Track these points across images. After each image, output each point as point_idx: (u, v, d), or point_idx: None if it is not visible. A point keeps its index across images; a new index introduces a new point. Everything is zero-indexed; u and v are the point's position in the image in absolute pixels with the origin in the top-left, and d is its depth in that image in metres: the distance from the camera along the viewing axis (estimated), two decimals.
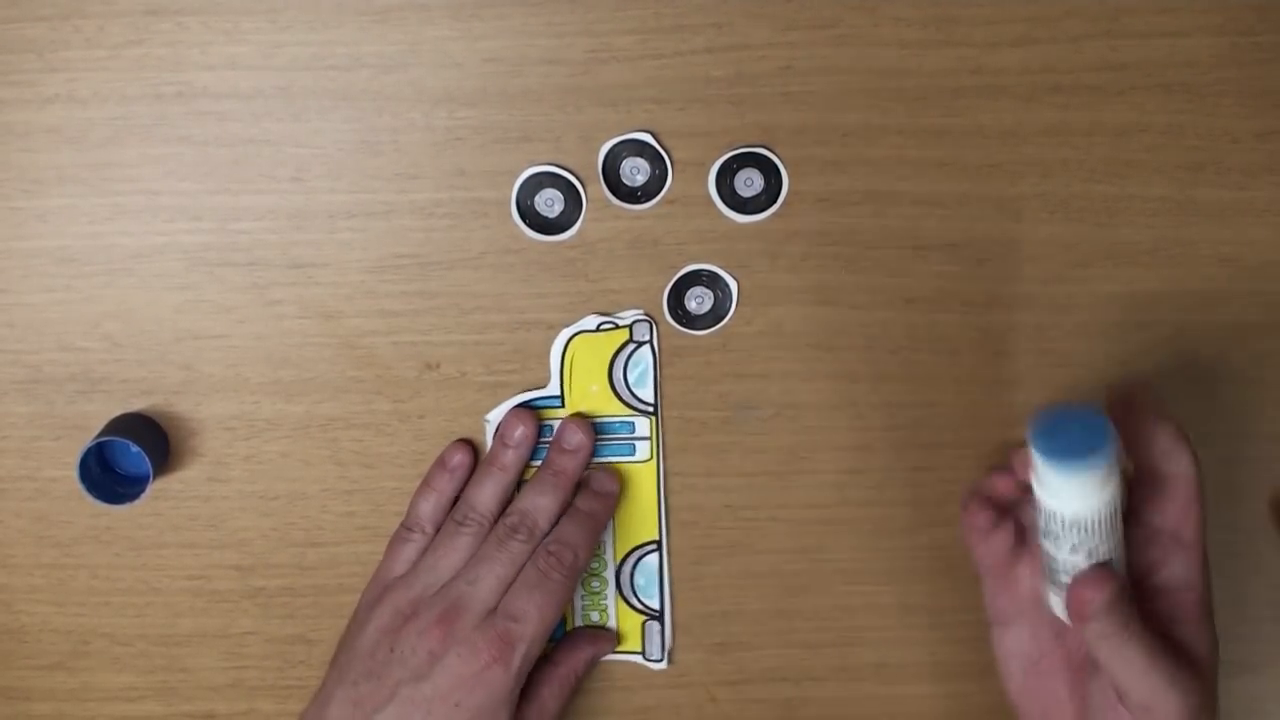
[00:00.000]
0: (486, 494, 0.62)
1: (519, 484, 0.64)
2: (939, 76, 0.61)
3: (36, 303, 0.63)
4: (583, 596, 0.66)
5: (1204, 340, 0.64)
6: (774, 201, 0.62)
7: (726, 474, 0.65)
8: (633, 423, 0.64)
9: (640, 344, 0.63)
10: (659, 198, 0.62)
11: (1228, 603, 0.67)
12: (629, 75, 0.61)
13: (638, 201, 0.62)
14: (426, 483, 0.64)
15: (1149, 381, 0.62)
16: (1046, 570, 0.55)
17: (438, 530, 0.63)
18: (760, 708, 0.67)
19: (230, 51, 0.60)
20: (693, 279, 0.63)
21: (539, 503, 0.62)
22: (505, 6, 0.60)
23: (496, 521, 0.62)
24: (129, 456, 0.63)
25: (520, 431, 0.63)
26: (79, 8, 0.60)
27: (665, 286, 0.63)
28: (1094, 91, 0.61)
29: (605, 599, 0.66)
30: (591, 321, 0.63)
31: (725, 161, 0.62)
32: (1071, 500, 0.53)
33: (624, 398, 0.64)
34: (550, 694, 0.63)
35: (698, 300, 0.63)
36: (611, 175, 0.62)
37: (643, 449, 0.65)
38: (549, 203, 0.61)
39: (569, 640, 0.65)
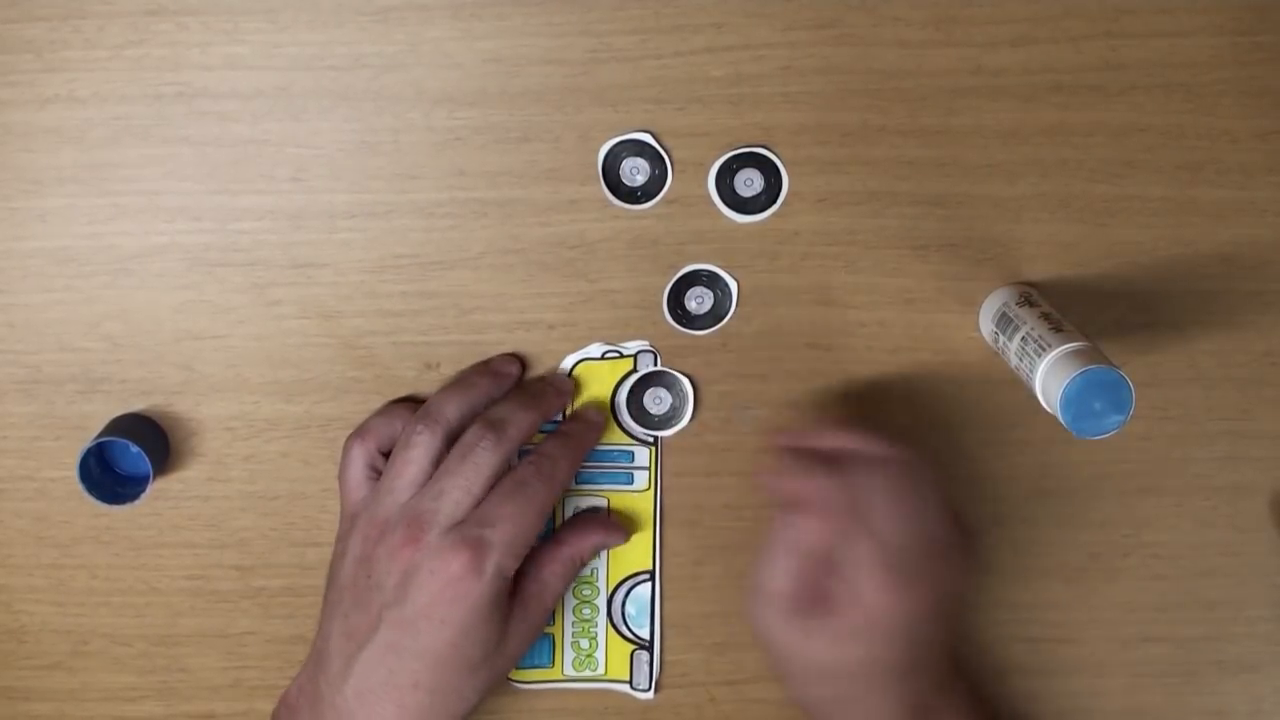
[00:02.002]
0: (448, 405, 0.60)
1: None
2: (939, 76, 0.61)
3: (36, 303, 0.63)
4: (573, 624, 0.66)
5: (1204, 340, 0.64)
6: (774, 201, 0.62)
7: (726, 474, 0.65)
8: (632, 452, 0.64)
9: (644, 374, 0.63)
10: (659, 198, 0.62)
11: (1228, 603, 0.67)
12: (629, 75, 0.61)
13: (638, 201, 0.62)
14: (462, 381, 0.62)
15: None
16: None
17: (387, 444, 0.61)
18: (760, 708, 0.67)
19: (230, 52, 0.60)
20: (693, 279, 0.63)
21: (511, 412, 0.59)
22: (505, 6, 0.60)
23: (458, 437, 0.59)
24: (129, 456, 0.63)
25: (506, 369, 0.62)
26: (79, 8, 0.60)
27: (665, 286, 0.63)
28: (1094, 91, 0.61)
29: (596, 627, 0.66)
30: (596, 350, 0.63)
31: (725, 161, 0.62)
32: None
33: (625, 427, 0.64)
34: (553, 573, 0.61)
35: (698, 300, 0.63)
36: (611, 175, 0.62)
37: (641, 479, 0.65)
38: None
39: (578, 523, 0.64)
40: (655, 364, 0.63)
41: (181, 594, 0.66)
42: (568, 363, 0.63)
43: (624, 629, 0.66)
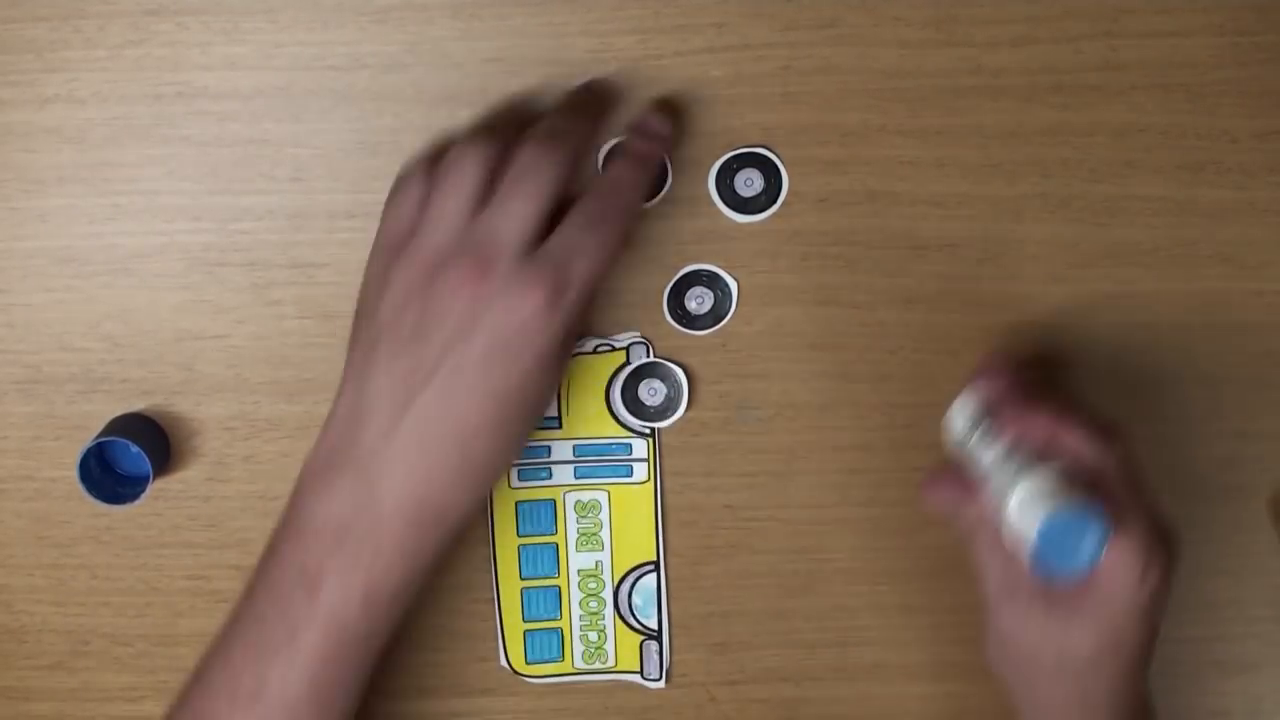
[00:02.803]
0: (504, 118, 0.55)
1: None
2: (939, 76, 0.61)
3: (36, 303, 0.63)
4: (581, 617, 0.66)
5: (1204, 340, 0.64)
6: (774, 201, 0.62)
7: (726, 474, 0.65)
8: (629, 444, 0.64)
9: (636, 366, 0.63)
10: (659, 198, 0.62)
11: (1228, 603, 0.67)
12: (629, 75, 0.61)
13: None
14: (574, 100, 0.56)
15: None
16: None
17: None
18: (760, 708, 0.67)
19: (230, 52, 0.60)
20: (693, 279, 0.63)
21: (570, 122, 0.54)
22: (505, 6, 0.60)
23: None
24: (129, 456, 0.63)
25: (585, 119, 0.56)
26: (79, 8, 0.60)
27: (665, 286, 0.63)
28: (1094, 91, 0.61)
29: (603, 619, 0.66)
30: (588, 344, 0.63)
31: (725, 161, 0.62)
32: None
33: (621, 419, 0.64)
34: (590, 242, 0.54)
35: (698, 300, 0.63)
36: None
37: (640, 470, 0.65)
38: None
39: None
40: (648, 355, 0.63)
41: (182, 594, 0.66)
42: None
43: (632, 620, 0.66)
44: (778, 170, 0.62)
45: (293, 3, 0.60)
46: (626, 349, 0.63)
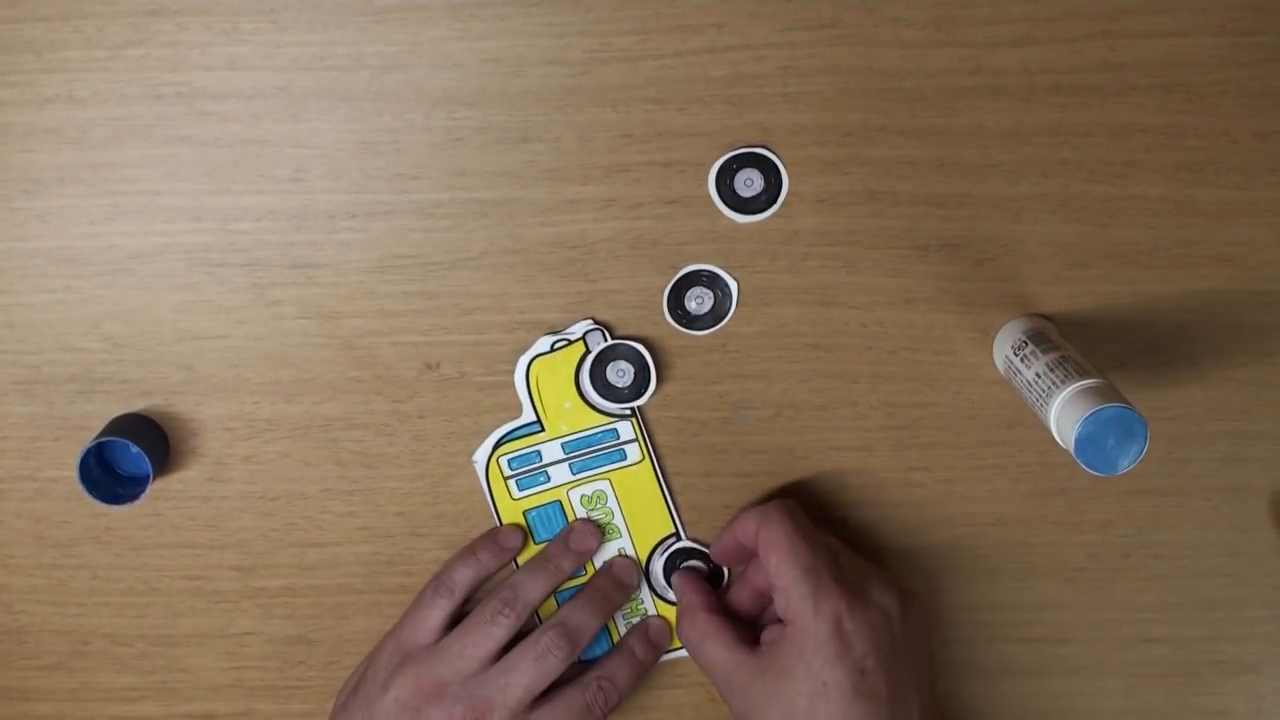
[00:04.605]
0: (537, 588, 0.63)
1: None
2: (939, 76, 0.61)
3: (36, 303, 0.63)
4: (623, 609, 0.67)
5: (1204, 340, 0.64)
6: (774, 201, 0.62)
7: (726, 474, 0.65)
8: (615, 429, 0.64)
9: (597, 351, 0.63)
10: (660, 198, 0.62)
11: (1228, 603, 0.67)
12: (629, 75, 0.61)
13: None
14: (471, 551, 0.64)
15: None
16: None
17: (467, 599, 0.64)
18: None
19: (230, 52, 0.60)
20: (693, 279, 0.63)
21: (586, 621, 0.63)
22: (505, 7, 0.60)
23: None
24: (129, 457, 0.63)
25: (589, 545, 0.65)
26: (79, 8, 0.60)
27: (665, 286, 0.63)
28: (1094, 91, 0.61)
29: (642, 602, 0.66)
30: (545, 343, 0.63)
31: (725, 161, 0.62)
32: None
33: (598, 407, 0.64)
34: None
35: (698, 300, 0.63)
36: None
37: (633, 451, 0.65)
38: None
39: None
40: (605, 339, 0.63)
41: (181, 594, 0.66)
42: (521, 364, 0.63)
43: (668, 595, 0.66)
44: (778, 170, 0.62)
45: (293, 3, 0.60)
46: (583, 338, 0.63)
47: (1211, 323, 0.64)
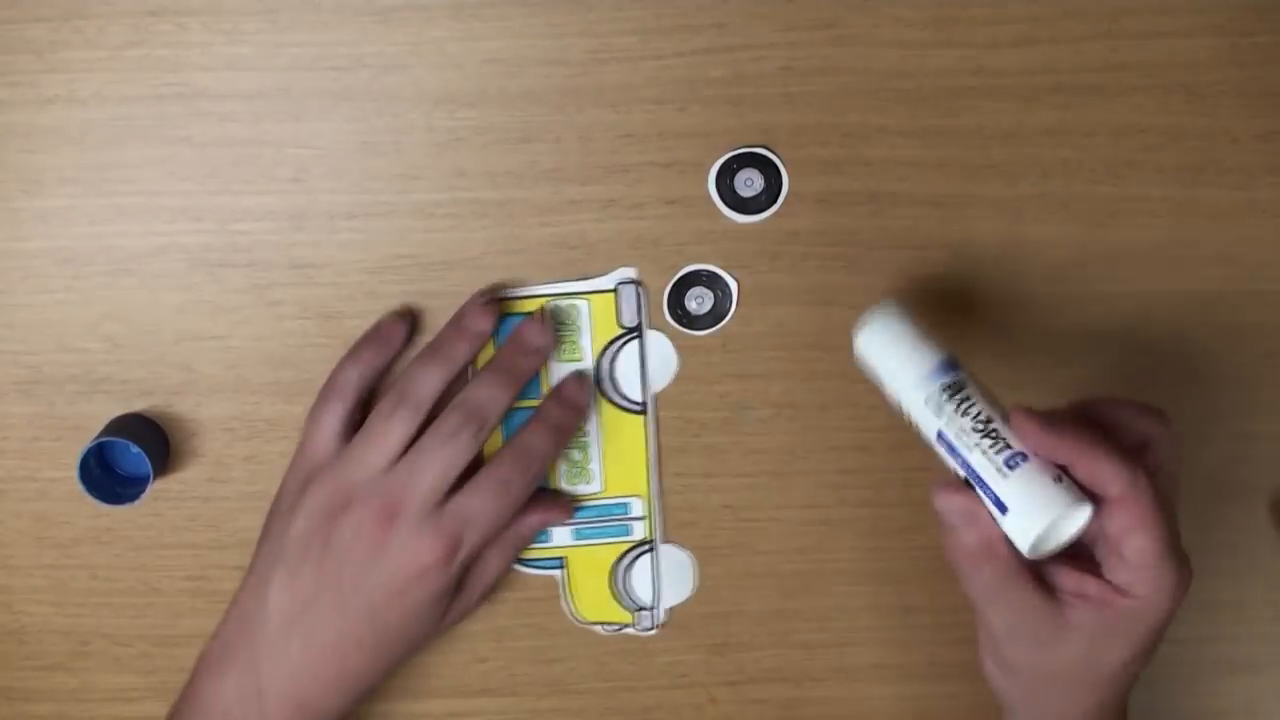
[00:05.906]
0: (429, 381, 0.59)
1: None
2: (939, 76, 0.61)
3: (36, 303, 0.63)
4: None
5: (1204, 340, 0.64)
6: (774, 201, 0.62)
7: (726, 474, 0.65)
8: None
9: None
10: (660, 198, 0.62)
11: (1228, 603, 0.67)
12: (629, 75, 0.61)
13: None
14: (355, 351, 0.61)
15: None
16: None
17: (360, 402, 0.61)
18: (760, 708, 0.67)
19: (231, 52, 0.60)
20: (693, 279, 0.63)
21: (492, 396, 0.59)
22: (505, 7, 0.60)
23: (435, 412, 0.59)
24: (129, 457, 0.63)
25: (481, 326, 0.61)
26: (79, 8, 0.60)
27: (665, 286, 0.63)
28: (1094, 92, 0.61)
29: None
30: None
31: (725, 161, 0.62)
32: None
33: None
34: (494, 554, 0.61)
35: (698, 300, 0.63)
36: None
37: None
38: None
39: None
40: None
41: (182, 594, 0.66)
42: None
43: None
44: (778, 170, 0.62)
45: (293, 3, 0.60)
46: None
47: (1211, 323, 0.64)
